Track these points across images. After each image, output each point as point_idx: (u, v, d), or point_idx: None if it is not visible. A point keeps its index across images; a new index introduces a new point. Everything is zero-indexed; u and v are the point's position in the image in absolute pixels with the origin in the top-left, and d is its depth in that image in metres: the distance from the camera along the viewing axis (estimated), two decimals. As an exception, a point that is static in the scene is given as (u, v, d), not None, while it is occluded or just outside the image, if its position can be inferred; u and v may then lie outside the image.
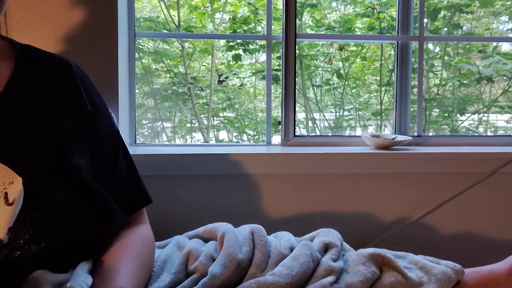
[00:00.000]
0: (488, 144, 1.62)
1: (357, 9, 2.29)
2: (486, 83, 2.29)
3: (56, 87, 0.76)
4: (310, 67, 2.30)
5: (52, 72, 0.77)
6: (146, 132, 2.16)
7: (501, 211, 1.48)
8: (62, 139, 0.73)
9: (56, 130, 0.73)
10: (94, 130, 0.78)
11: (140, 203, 0.84)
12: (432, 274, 0.78)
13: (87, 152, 0.76)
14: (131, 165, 0.84)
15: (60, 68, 0.77)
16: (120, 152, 0.82)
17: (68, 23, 1.28)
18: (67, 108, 0.75)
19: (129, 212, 0.81)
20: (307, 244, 0.83)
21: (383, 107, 2.16)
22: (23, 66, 0.74)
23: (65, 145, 0.73)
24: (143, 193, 0.85)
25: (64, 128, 0.74)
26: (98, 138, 0.78)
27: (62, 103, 0.75)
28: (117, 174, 0.80)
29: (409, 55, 1.64)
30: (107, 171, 0.79)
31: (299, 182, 1.41)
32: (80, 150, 0.75)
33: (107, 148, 0.80)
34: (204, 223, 0.97)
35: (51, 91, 0.75)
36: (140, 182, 0.85)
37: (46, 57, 0.78)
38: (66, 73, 0.77)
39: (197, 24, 2.20)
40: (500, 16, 2.41)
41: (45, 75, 0.76)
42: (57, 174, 0.72)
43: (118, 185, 0.80)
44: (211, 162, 1.37)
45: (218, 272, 0.75)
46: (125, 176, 0.82)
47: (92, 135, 0.77)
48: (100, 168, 0.78)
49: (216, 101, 2.27)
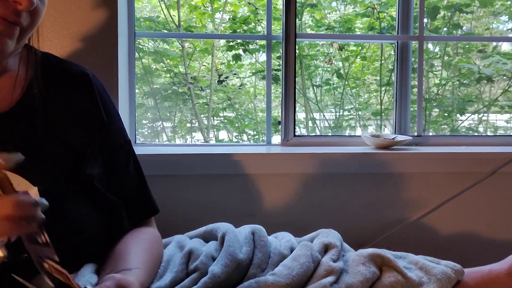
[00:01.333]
0: (488, 144, 1.62)
1: (357, 9, 2.29)
2: (486, 83, 2.29)
3: (74, 97, 0.76)
4: (310, 67, 2.30)
5: (70, 81, 0.77)
6: (146, 132, 2.16)
7: (501, 211, 1.48)
8: (77, 148, 0.74)
9: (73, 140, 0.73)
10: (108, 140, 0.78)
11: (148, 213, 0.86)
12: (432, 274, 0.78)
13: (100, 162, 0.77)
14: (140, 175, 0.86)
15: (79, 78, 0.78)
16: (131, 162, 0.83)
17: (68, 23, 1.28)
18: (84, 118, 0.76)
19: (137, 220, 0.82)
20: (307, 244, 0.84)
21: (383, 107, 2.16)
22: (42, 74, 0.74)
23: (80, 154, 0.74)
24: (151, 203, 0.86)
25: (80, 138, 0.74)
26: (111, 148, 0.79)
27: (79, 113, 0.75)
28: (127, 184, 0.81)
29: (409, 55, 1.65)
30: (118, 180, 0.80)
31: (299, 182, 1.41)
32: (94, 159, 0.75)
33: (119, 158, 0.81)
34: (204, 223, 0.97)
35: (69, 101, 0.75)
36: (149, 192, 0.86)
37: (65, 66, 0.78)
38: (85, 84, 0.78)
39: (197, 24, 2.20)
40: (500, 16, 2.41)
41: (64, 85, 0.76)
42: (71, 182, 0.72)
43: (128, 195, 0.81)
44: (211, 162, 1.37)
45: (218, 272, 0.76)
46: (135, 186, 0.83)
47: (106, 145, 0.78)
48: (112, 178, 0.79)
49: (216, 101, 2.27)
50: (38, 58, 0.75)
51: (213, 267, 0.77)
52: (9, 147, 0.67)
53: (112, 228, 0.79)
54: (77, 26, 1.29)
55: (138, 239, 0.78)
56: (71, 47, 1.29)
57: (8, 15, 0.61)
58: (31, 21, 0.66)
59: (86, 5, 1.29)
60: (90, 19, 1.29)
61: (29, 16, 0.65)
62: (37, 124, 0.70)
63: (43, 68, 0.75)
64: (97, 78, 0.82)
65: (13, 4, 0.61)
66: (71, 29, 1.29)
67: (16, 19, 0.63)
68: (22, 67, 0.74)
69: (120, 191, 0.79)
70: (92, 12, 1.29)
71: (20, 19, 0.63)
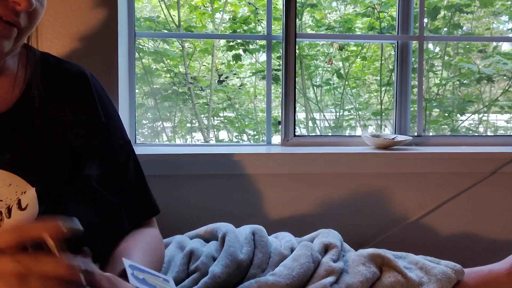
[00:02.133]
0: (488, 144, 1.62)
1: (357, 9, 2.29)
2: (486, 83, 2.29)
3: (73, 97, 0.76)
4: (310, 67, 2.30)
5: (69, 81, 0.76)
6: (146, 132, 2.16)
7: (501, 211, 1.48)
8: (76, 149, 0.73)
9: (71, 140, 0.73)
10: (107, 140, 0.78)
11: (148, 213, 0.86)
12: (432, 274, 0.78)
13: (99, 162, 0.76)
14: (140, 175, 0.85)
15: (77, 78, 0.77)
16: (131, 162, 0.83)
17: (68, 23, 1.28)
18: (82, 119, 0.75)
19: (137, 221, 0.82)
20: (308, 245, 0.84)
21: (383, 107, 2.16)
22: (41, 74, 0.74)
23: (79, 155, 0.74)
24: (151, 204, 0.86)
25: (79, 138, 0.74)
26: (110, 149, 0.79)
27: (78, 113, 0.75)
28: (126, 184, 0.81)
29: (409, 55, 1.64)
30: (118, 181, 0.80)
31: (299, 182, 1.41)
32: (92, 160, 0.75)
33: (118, 159, 0.80)
34: (204, 223, 0.97)
35: (68, 101, 0.75)
36: (149, 192, 0.86)
37: (64, 66, 0.78)
38: (83, 84, 0.77)
39: (197, 24, 2.20)
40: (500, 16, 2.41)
41: (62, 85, 0.75)
42: (70, 182, 0.72)
43: (127, 195, 0.81)
44: (211, 162, 1.37)
45: (219, 272, 0.76)
46: (135, 186, 0.83)
47: (104, 145, 0.77)
48: (111, 178, 0.78)
49: (216, 101, 2.27)
50: (37, 58, 0.75)
51: (213, 267, 0.77)
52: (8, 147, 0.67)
53: (111, 228, 0.79)
54: (77, 26, 1.29)
55: (139, 241, 0.77)
56: (70, 47, 1.29)
57: (7, 15, 0.62)
58: (29, 22, 0.66)
59: (86, 5, 1.29)
60: (90, 19, 1.29)
61: (27, 17, 0.65)
62: (36, 124, 0.70)
63: (42, 68, 0.75)
64: (95, 78, 0.81)
65: (12, 4, 0.61)
66: (71, 29, 1.29)
67: (15, 19, 0.63)
68: (21, 67, 0.74)
69: (119, 191, 0.79)
70: (92, 12, 1.29)
71: (19, 20, 0.63)
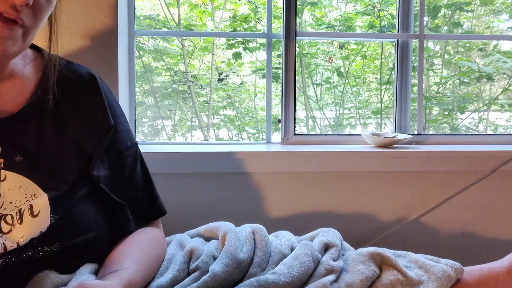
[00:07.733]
0: (488, 143, 1.62)
1: (358, 7, 2.28)
2: (486, 81, 2.29)
3: (83, 99, 0.75)
4: (311, 65, 2.30)
5: (79, 83, 0.76)
6: (146, 130, 2.16)
7: (501, 210, 1.48)
8: (86, 151, 0.73)
9: (82, 142, 0.73)
10: (115, 142, 0.78)
11: (154, 215, 0.86)
12: (431, 273, 0.78)
13: (107, 163, 0.76)
14: (147, 176, 0.85)
15: (87, 81, 0.77)
16: (138, 164, 0.83)
17: (68, 22, 1.28)
18: (92, 121, 0.75)
19: (143, 222, 0.82)
20: (308, 243, 0.84)
21: (383, 105, 2.16)
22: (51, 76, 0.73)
23: (88, 157, 0.74)
24: (158, 205, 0.86)
25: (89, 141, 0.74)
26: (118, 150, 0.79)
27: (87, 115, 0.75)
28: (133, 186, 0.81)
29: (409, 53, 1.64)
30: (125, 182, 0.80)
31: (299, 181, 1.41)
32: (101, 161, 0.75)
33: (125, 160, 0.80)
34: (204, 221, 0.97)
35: (77, 103, 0.74)
36: (155, 193, 0.86)
37: (73, 68, 0.77)
38: (93, 86, 0.77)
39: (197, 22, 2.20)
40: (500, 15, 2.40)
41: (72, 87, 0.75)
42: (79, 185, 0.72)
43: (134, 196, 0.81)
44: (211, 160, 1.37)
45: (219, 271, 0.76)
46: (141, 188, 0.83)
47: (112, 147, 0.77)
48: (118, 179, 0.78)
49: (216, 99, 2.27)
50: (47, 60, 0.75)
51: (214, 266, 0.77)
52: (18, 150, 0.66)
53: (117, 229, 0.79)
54: (77, 25, 1.29)
55: (137, 239, 0.78)
56: (71, 45, 1.29)
57: (7, 11, 0.59)
58: (34, 18, 0.64)
59: (86, 3, 1.28)
60: (90, 17, 1.29)
61: (31, 13, 0.63)
62: (46, 126, 0.70)
63: (51, 70, 0.74)
64: (102, 80, 0.81)
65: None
66: (71, 28, 1.28)
67: (16, 15, 0.60)
68: (32, 69, 0.73)
69: (126, 193, 0.79)
70: (92, 11, 1.29)
71: (20, 15, 0.61)
